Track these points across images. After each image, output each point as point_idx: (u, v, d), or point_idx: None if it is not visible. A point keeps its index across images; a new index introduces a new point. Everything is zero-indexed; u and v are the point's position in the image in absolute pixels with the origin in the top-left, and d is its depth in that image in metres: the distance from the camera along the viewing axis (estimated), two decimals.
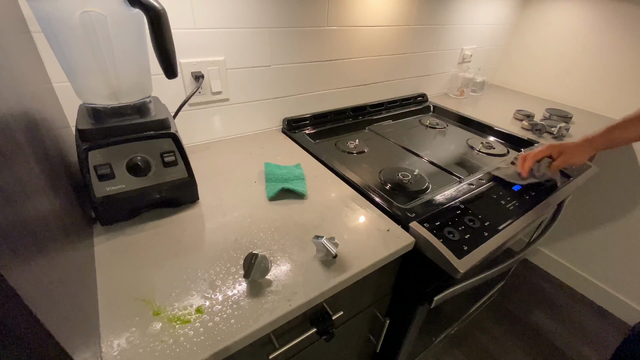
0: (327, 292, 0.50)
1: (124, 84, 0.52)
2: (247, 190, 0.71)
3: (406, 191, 0.77)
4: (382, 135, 1.07)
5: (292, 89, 0.97)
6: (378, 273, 0.63)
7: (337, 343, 0.71)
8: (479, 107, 1.34)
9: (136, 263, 0.51)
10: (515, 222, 0.68)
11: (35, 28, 0.58)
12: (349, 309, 0.64)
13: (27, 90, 0.40)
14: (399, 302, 0.77)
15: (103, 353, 0.39)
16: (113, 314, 0.44)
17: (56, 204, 0.36)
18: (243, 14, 0.78)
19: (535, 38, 1.50)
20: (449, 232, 0.61)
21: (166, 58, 0.51)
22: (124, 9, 0.46)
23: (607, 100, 1.35)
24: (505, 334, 1.39)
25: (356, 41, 1.02)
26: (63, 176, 0.45)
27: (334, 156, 0.88)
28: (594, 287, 1.57)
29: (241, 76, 0.85)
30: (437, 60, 1.35)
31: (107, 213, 0.56)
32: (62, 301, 0.29)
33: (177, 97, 0.78)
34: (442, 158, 0.94)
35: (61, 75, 0.63)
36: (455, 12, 1.25)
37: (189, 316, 0.44)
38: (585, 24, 1.33)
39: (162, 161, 0.57)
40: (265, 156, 0.84)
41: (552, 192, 0.80)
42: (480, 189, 0.76)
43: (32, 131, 0.35)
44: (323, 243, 0.51)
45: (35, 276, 0.24)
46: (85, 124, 0.51)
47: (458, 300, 1.04)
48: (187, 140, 0.86)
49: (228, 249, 0.55)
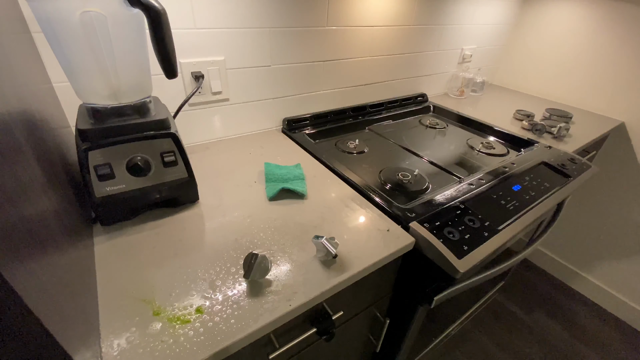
0: (327, 292, 0.50)
1: (124, 84, 0.52)
2: (247, 190, 0.71)
3: (406, 191, 0.77)
4: (382, 135, 1.07)
5: (292, 89, 0.97)
6: (378, 273, 0.63)
7: (337, 343, 0.71)
8: (479, 107, 1.34)
9: (136, 263, 0.51)
10: (515, 222, 0.68)
11: (35, 28, 0.58)
12: (349, 309, 0.64)
13: (27, 90, 0.40)
14: (399, 302, 0.77)
15: (103, 353, 0.39)
16: (113, 314, 0.44)
17: (56, 204, 0.36)
18: (243, 14, 0.78)
19: (535, 38, 1.50)
20: (449, 232, 0.61)
21: (166, 58, 0.51)
22: (124, 9, 0.46)
23: (607, 100, 1.35)
24: (505, 334, 1.39)
25: (356, 41, 1.02)
26: (63, 176, 0.45)
27: (334, 156, 0.88)
28: (594, 287, 1.57)
29: (241, 76, 0.85)
30: (437, 60, 1.35)
31: (107, 213, 0.56)
32: (62, 301, 0.29)
33: (177, 97, 0.78)
34: (442, 158, 0.94)
35: (61, 75, 0.63)
36: (455, 12, 1.25)
37: (189, 316, 0.44)
38: (585, 24, 1.33)
39: (162, 161, 0.57)
40: (265, 156, 0.84)
41: (552, 192, 0.80)
42: (480, 189, 0.76)
43: (32, 131, 0.35)
44: (323, 243, 0.51)
45: (35, 276, 0.24)
46: (85, 124, 0.51)
47: (458, 300, 1.04)
48: (187, 140, 0.86)
49: (228, 249, 0.55)
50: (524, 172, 0.86)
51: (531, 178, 0.83)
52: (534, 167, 0.89)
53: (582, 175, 0.89)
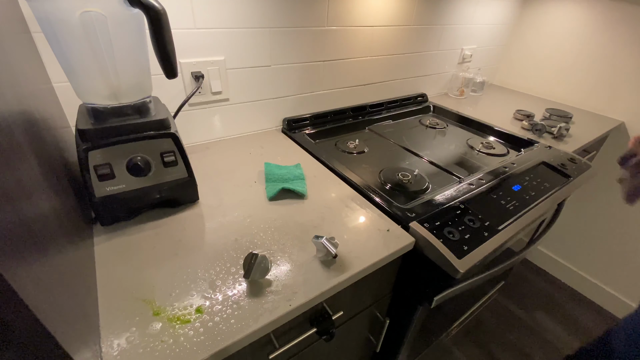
0: (327, 292, 0.50)
1: (124, 84, 0.52)
2: (247, 190, 0.71)
3: (406, 191, 0.77)
4: (382, 135, 1.07)
5: (292, 89, 0.97)
6: (378, 273, 0.63)
7: (337, 343, 0.71)
8: (479, 107, 1.34)
9: (136, 263, 0.51)
10: (515, 222, 0.68)
11: (35, 28, 0.58)
12: (349, 309, 0.64)
13: (27, 90, 0.40)
14: (399, 302, 0.77)
15: (103, 353, 0.39)
16: (113, 314, 0.44)
17: (56, 204, 0.36)
18: (243, 14, 0.78)
19: (535, 38, 1.50)
20: (449, 232, 0.61)
21: (166, 58, 0.51)
22: (124, 9, 0.46)
23: (607, 100, 1.35)
24: (505, 334, 1.39)
25: (356, 41, 1.02)
26: (63, 176, 0.45)
27: (334, 156, 0.88)
28: (594, 286, 1.57)
29: (241, 76, 0.85)
30: (437, 60, 1.35)
31: (107, 213, 0.56)
32: (62, 301, 0.29)
33: (177, 97, 0.78)
34: (442, 158, 0.94)
35: (61, 75, 0.63)
36: (455, 12, 1.25)
37: (189, 316, 0.44)
38: (585, 24, 1.33)
39: (162, 161, 0.57)
40: (265, 156, 0.84)
41: (552, 192, 0.80)
42: (480, 189, 0.76)
43: (32, 131, 0.35)
44: (323, 243, 0.51)
45: (35, 276, 0.24)
46: (85, 124, 0.51)
47: (458, 300, 1.04)
48: (187, 140, 0.86)
49: (228, 249, 0.55)
50: (524, 172, 0.86)
51: (531, 178, 0.83)
52: (534, 167, 0.89)
53: (582, 175, 0.89)
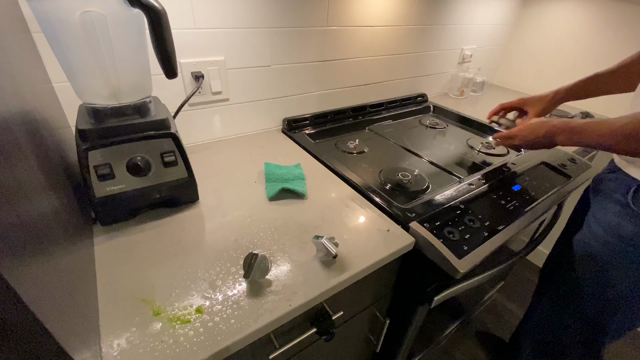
0: (327, 292, 0.50)
1: (124, 84, 0.52)
2: (247, 190, 0.71)
3: (406, 191, 0.77)
4: (382, 135, 1.07)
5: (292, 89, 0.97)
6: (378, 273, 0.63)
7: (337, 343, 0.71)
8: (479, 107, 1.34)
9: (136, 263, 0.51)
10: (515, 222, 0.68)
11: (35, 28, 0.58)
12: (349, 309, 0.64)
13: (27, 90, 0.40)
14: (399, 302, 0.77)
15: (103, 353, 0.39)
16: (113, 314, 0.44)
17: (56, 204, 0.36)
18: (243, 14, 0.78)
19: (535, 38, 1.50)
20: (449, 232, 0.61)
21: (166, 58, 0.51)
22: (124, 9, 0.46)
23: (606, 100, 1.35)
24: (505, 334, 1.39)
25: (356, 41, 1.02)
26: (63, 176, 0.45)
27: (334, 156, 0.88)
28: None
29: (241, 76, 0.85)
30: (437, 60, 1.35)
31: (107, 213, 0.56)
32: (62, 301, 0.29)
33: (177, 97, 0.78)
34: (442, 158, 0.94)
35: (61, 75, 0.63)
36: (455, 12, 1.25)
37: (189, 316, 0.44)
38: (586, 24, 1.33)
39: (162, 161, 0.57)
40: (265, 156, 0.84)
41: (552, 192, 0.80)
42: (480, 189, 0.76)
43: (32, 131, 0.35)
44: (323, 243, 0.51)
45: (35, 276, 0.24)
46: (85, 124, 0.51)
47: (458, 300, 1.04)
48: (187, 140, 0.86)
49: (228, 249, 0.55)
50: (524, 172, 0.86)
51: (531, 178, 0.83)
52: (534, 167, 0.89)
53: (582, 175, 0.89)
